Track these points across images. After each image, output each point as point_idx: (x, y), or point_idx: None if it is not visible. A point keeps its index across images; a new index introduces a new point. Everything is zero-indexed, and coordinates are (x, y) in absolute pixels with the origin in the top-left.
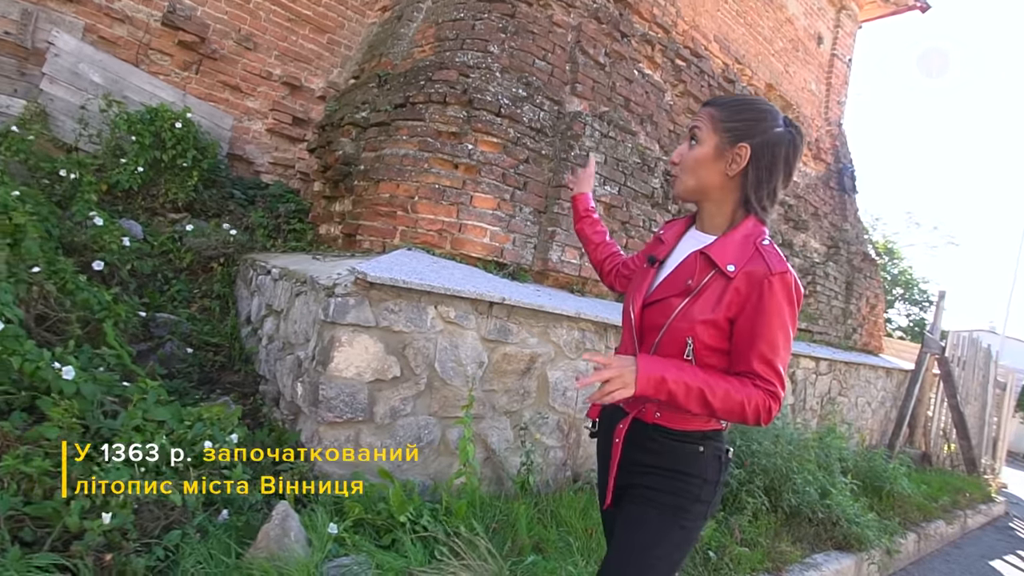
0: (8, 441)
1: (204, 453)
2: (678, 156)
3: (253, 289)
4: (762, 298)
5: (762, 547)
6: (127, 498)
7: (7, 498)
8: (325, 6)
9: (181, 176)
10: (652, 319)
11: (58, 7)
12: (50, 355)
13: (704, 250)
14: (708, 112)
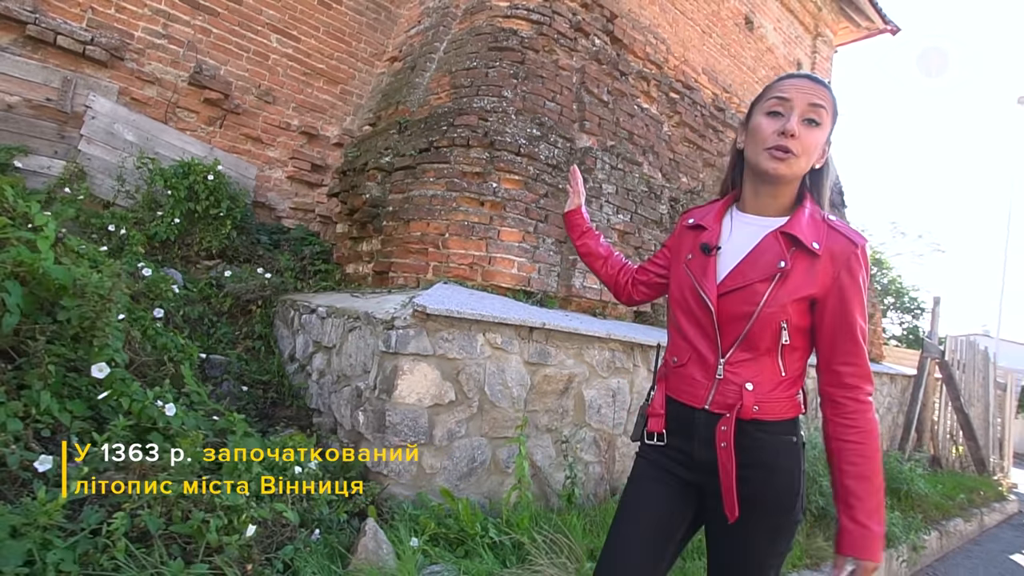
0: (143, 469)
1: (294, 478)
2: (797, 131)
3: (296, 328)
4: (852, 275)
5: (800, 545)
6: (250, 518)
7: (155, 519)
8: (337, 59)
9: (215, 225)
10: (734, 308)
11: (94, 72)
12: (152, 395)
13: (785, 230)
14: (828, 95)
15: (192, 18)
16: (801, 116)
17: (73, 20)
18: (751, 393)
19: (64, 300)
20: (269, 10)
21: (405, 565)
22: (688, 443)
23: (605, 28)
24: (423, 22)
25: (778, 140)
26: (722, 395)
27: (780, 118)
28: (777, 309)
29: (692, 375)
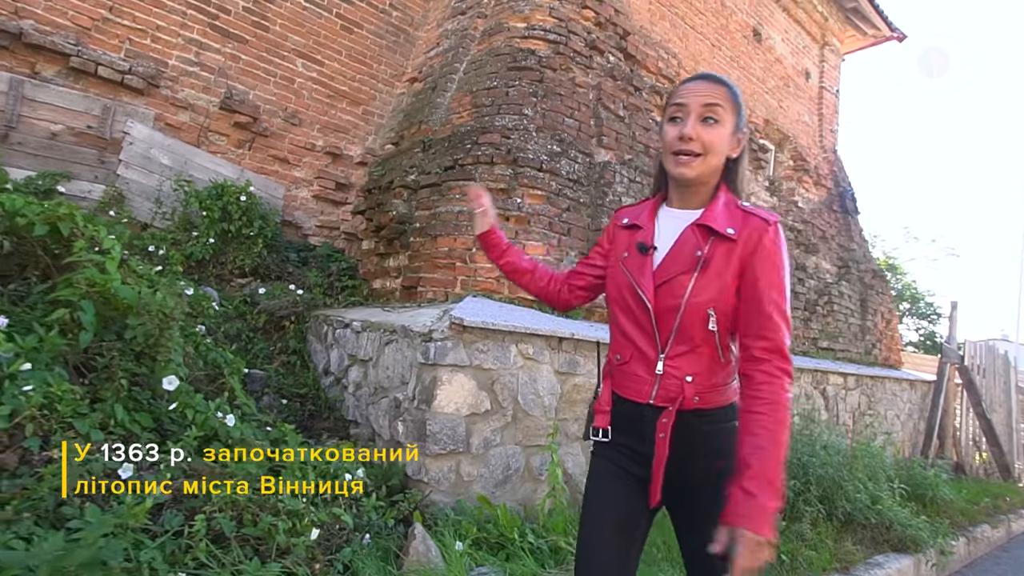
0: (213, 476)
1: (344, 485)
2: (694, 132)
3: (330, 343)
4: (765, 249)
5: (828, 549)
6: (311, 522)
7: (228, 522)
8: (359, 81)
9: (247, 244)
10: (665, 301)
11: (131, 100)
12: (214, 406)
13: (700, 222)
14: (724, 91)
15: (222, 46)
16: (698, 118)
17: (112, 51)
18: (691, 385)
19: (130, 319)
20: (295, 36)
21: (454, 567)
22: (638, 441)
23: (619, 45)
24: (442, 44)
25: (679, 145)
26: (664, 389)
27: (680, 123)
28: (703, 299)
29: (635, 372)
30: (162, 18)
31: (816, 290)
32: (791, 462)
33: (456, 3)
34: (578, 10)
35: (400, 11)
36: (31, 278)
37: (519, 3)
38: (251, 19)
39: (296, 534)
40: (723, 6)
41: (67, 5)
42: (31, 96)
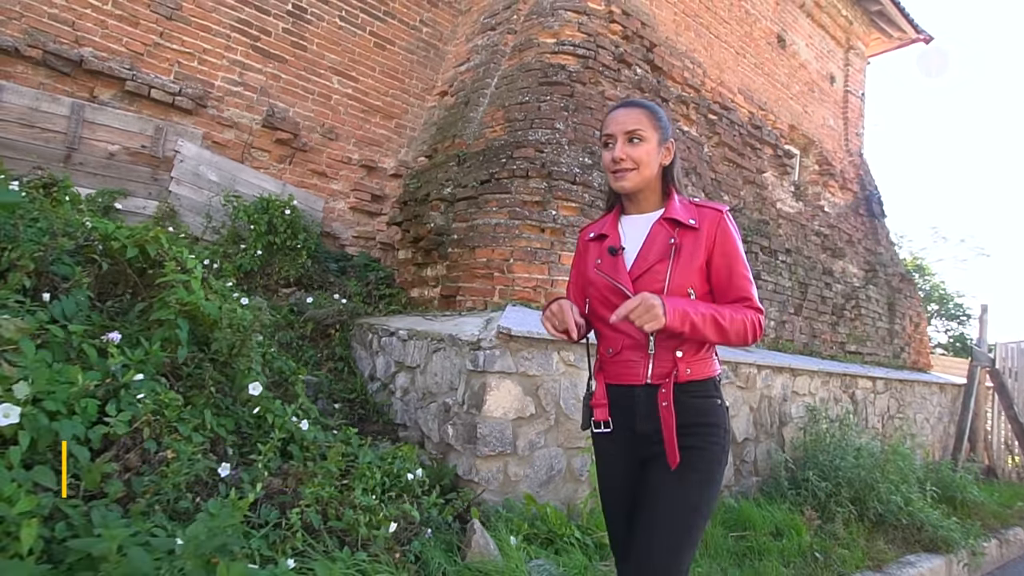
0: (298, 475)
1: (406, 484)
2: (624, 154)
3: (375, 350)
4: (725, 232)
5: (861, 548)
6: (386, 517)
7: (316, 516)
8: (392, 96)
9: (291, 255)
10: (647, 287)
11: (181, 120)
12: (290, 411)
13: (666, 216)
14: (641, 113)
15: (264, 66)
16: (624, 141)
17: (163, 74)
18: (682, 359)
19: (215, 332)
20: (331, 54)
21: (513, 559)
22: (631, 419)
23: (646, 57)
24: (472, 59)
25: (613, 166)
26: (659, 366)
27: (611, 148)
28: (683, 280)
29: (628, 358)
30: (208, 41)
31: (843, 294)
32: (823, 464)
33: (486, 19)
34: (606, 24)
35: (430, 27)
36: (124, 295)
37: (548, 19)
38: (290, 40)
39: (374, 527)
40: (747, 14)
41: (122, 32)
42: (91, 119)
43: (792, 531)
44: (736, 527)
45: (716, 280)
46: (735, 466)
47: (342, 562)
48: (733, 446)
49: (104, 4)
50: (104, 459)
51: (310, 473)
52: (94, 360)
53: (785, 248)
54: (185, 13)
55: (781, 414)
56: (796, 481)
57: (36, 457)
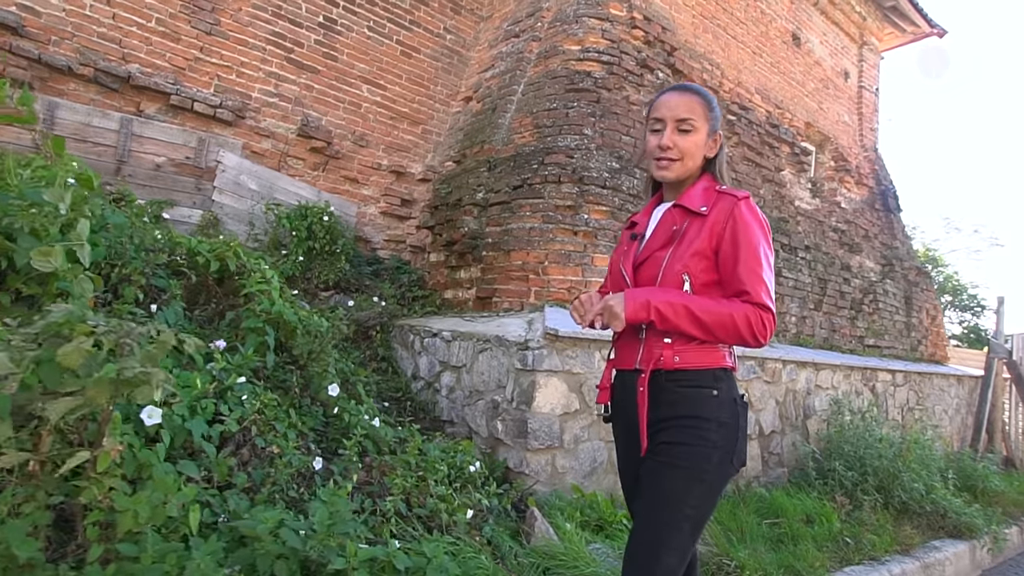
0: (382, 468)
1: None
2: (671, 142)
3: (418, 350)
4: (736, 220)
5: (889, 533)
6: (462, 504)
7: (403, 504)
8: (418, 102)
9: (331, 260)
10: (645, 275)
11: (221, 131)
12: (363, 410)
13: (675, 202)
14: (694, 101)
15: (298, 77)
16: (674, 129)
17: (203, 87)
18: (670, 346)
19: (296, 338)
20: (360, 64)
21: (574, 543)
22: (631, 405)
23: (667, 61)
24: (497, 66)
25: (659, 153)
26: (648, 351)
27: (659, 134)
28: (679, 265)
29: (626, 343)
30: (245, 55)
31: (861, 289)
32: (849, 455)
33: (509, 26)
34: (628, 30)
35: (453, 34)
36: (208, 304)
37: (573, 26)
38: (322, 51)
39: (451, 513)
40: (763, 14)
41: (165, 48)
42: (138, 132)
43: (822, 518)
44: (769, 515)
45: (722, 270)
46: (763, 458)
47: (436, 543)
48: (760, 438)
49: (148, 21)
50: (225, 453)
51: (391, 466)
52: (201, 365)
53: (804, 245)
54: (223, 28)
55: (805, 407)
56: (823, 471)
57: (172, 452)
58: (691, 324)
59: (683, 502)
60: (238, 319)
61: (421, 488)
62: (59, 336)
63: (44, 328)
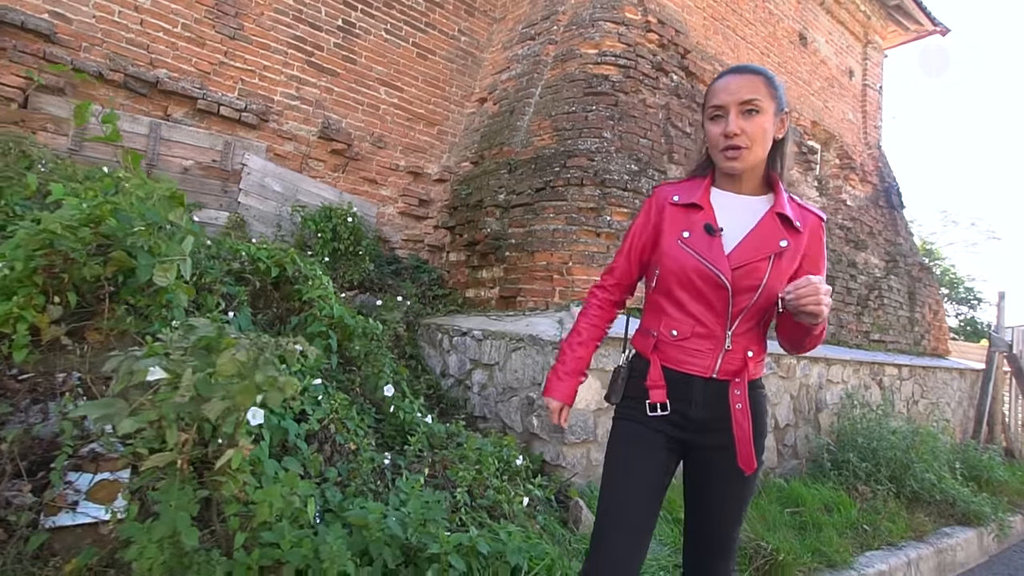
0: (443, 462)
1: (515, 468)
2: (739, 128)
3: (447, 349)
4: (819, 243)
5: (904, 520)
6: (518, 494)
7: (464, 494)
8: (434, 104)
9: (355, 260)
10: (742, 283)
11: (246, 134)
12: (415, 407)
13: (779, 211)
14: (759, 80)
15: (318, 80)
16: (738, 113)
17: (228, 91)
18: (752, 359)
19: (353, 340)
20: (378, 66)
21: None
22: (684, 405)
23: (680, 64)
24: (513, 68)
25: (726, 143)
26: (728, 363)
27: (722, 120)
28: (778, 283)
29: (696, 348)
30: (267, 59)
31: (866, 285)
32: (862, 446)
33: (524, 29)
34: (643, 34)
35: (468, 36)
36: (269, 308)
37: (589, 30)
38: (341, 54)
39: (509, 503)
40: (770, 14)
41: (191, 53)
42: (167, 136)
43: (839, 507)
44: (788, 504)
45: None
46: (777, 450)
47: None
48: (775, 431)
49: (174, 27)
50: (311, 450)
51: (451, 460)
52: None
53: None
54: (247, 32)
55: (817, 401)
56: (837, 462)
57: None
58: (819, 333)
59: (756, 487)
60: (303, 323)
61: (479, 480)
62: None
63: (196, 342)
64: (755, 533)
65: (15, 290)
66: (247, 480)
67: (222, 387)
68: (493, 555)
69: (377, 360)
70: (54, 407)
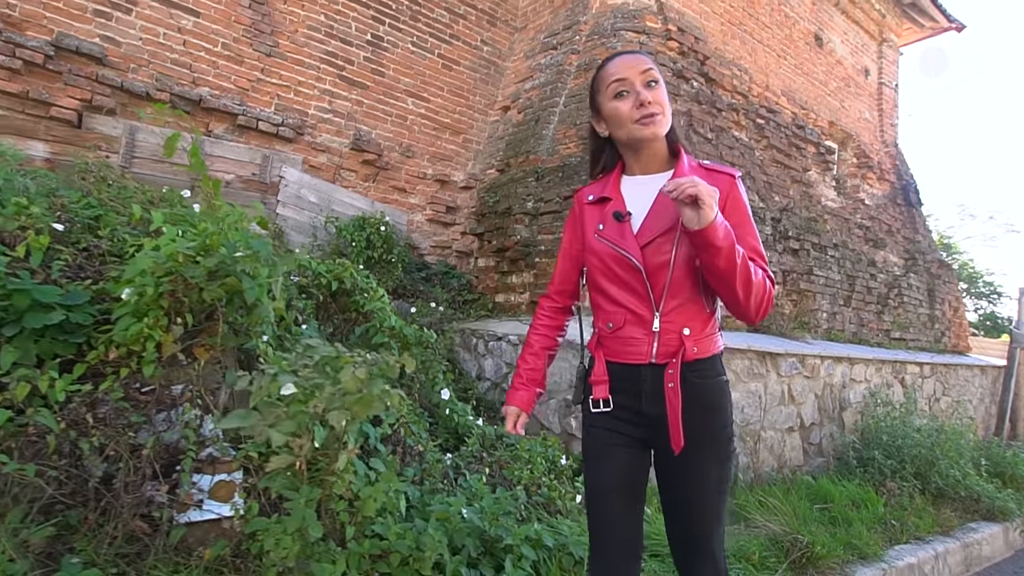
0: (500, 462)
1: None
2: (650, 97)
3: (482, 353)
4: (736, 200)
5: (931, 515)
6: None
7: (522, 493)
8: (459, 113)
9: (388, 268)
10: (653, 259)
11: (282, 147)
12: (467, 410)
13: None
14: (647, 58)
15: (349, 93)
16: (643, 84)
17: (265, 107)
18: (689, 337)
19: (411, 349)
20: (405, 78)
21: (658, 524)
22: (635, 400)
23: (700, 71)
24: (536, 77)
25: (639, 112)
26: (664, 345)
27: (629, 95)
28: (690, 251)
29: (631, 335)
30: (301, 74)
31: (886, 283)
32: (887, 444)
33: (545, 38)
34: (664, 42)
35: (490, 46)
36: (331, 320)
37: (611, 40)
38: (370, 67)
39: (561, 499)
40: (786, 17)
41: (230, 71)
42: (209, 151)
43: (866, 503)
44: (817, 500)
45: None
46: (803, 448)
47: (567, 525)
48: (801, 430)
49: (214, 46)
50: (387, 452)
51: (506, 461)
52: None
53: (833, 243)
54: (282, 49)
55: (841, 400)
56: (863, 460)
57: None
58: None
59: (722, 482)
60: (366, 334)
61: (533, 479)
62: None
63: (320, 361)
64: (791, 527)
65: (146, 312)
66: (351, 479)
67: (341, 399)
68: (556, 547)
69: (432, 368)
70: (176, 416)
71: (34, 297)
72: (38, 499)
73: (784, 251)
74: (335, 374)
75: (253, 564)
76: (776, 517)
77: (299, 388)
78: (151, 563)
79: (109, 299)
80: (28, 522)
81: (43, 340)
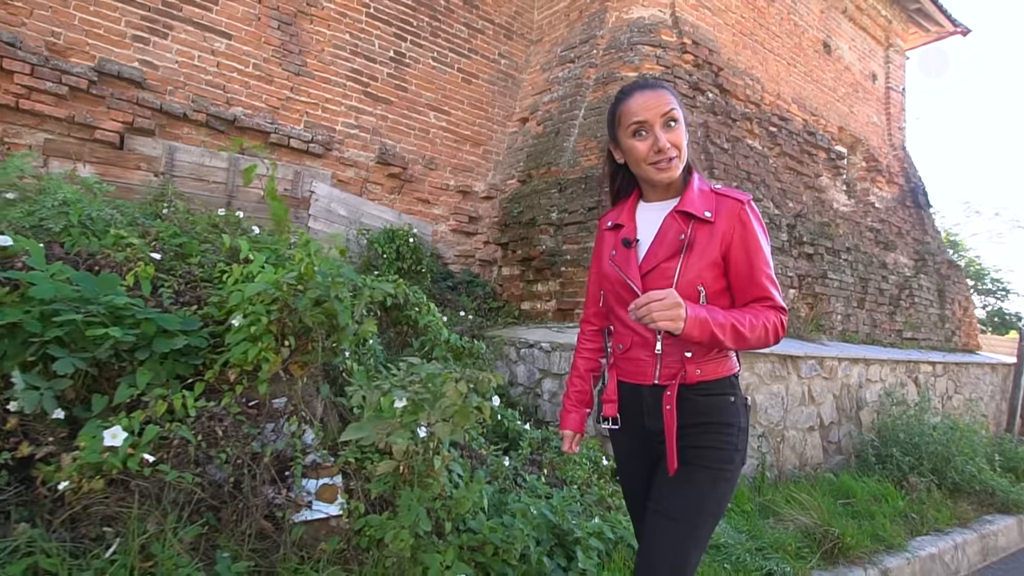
0: (552, 464)
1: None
2: (668, 141)
3: (514, 359)
4: (745, 225)
5: (949, 509)
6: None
7: (576, 491)
8: (478, 125)
9: (417, 278)
10: (654, 284)
11: (312, 163)
12: (515, 415)
13: (679, 209)
14: (668, 93)
15: (374, 108)
16: (662, 126)
17: (294, 124)
18: (691, 360)
19: (462, 359)
20: (427, 92)
21: None
22: (640, 417)
23: (715, 82)
24: (555, 90)
25: (656, 157)
26: (667, 368)
27: (647, 136)
28: (691, 277)
29: (638, 357)
30: (328, 91)
31: (897, 285)
32: (904, 441)
33: (563, 52)
34: (679, 55)
35: (507, 59)
36: (385, 334)
37: (628, 53)
38: (393, 83)
39: (611, 496)
40: (795, 26)
41: (261, 90)
42: (243, 168)
43: (887, 497)
44: (839, 495)
45: (735, 277)
46: (823, 446)
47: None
48: (820, 429)
49: (246, 67)
50: (456, 455)
51: (559, 462)
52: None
53: (845, 247)
54: (310, 68)
55: (858, 399)
56: (881, 457)
57: None
58: (734, 340)
59: (712, 501)
60: (423, 347)
61: (584, 478)
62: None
63: (426, 377)
64: (823, 520)
65: (260, 337)
66: (445, 481)
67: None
68: (616, 539)
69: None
70: (283, 427)
71: (159, 324)
72: (187, 503)
73: (799, 256)
74: (438, 388)
75: (366, 556)
76: (806, 511)
77: (409, 402)
78: (280, 556)
79: (212, 322)
80: (179, 523)
81: (167, 362)
